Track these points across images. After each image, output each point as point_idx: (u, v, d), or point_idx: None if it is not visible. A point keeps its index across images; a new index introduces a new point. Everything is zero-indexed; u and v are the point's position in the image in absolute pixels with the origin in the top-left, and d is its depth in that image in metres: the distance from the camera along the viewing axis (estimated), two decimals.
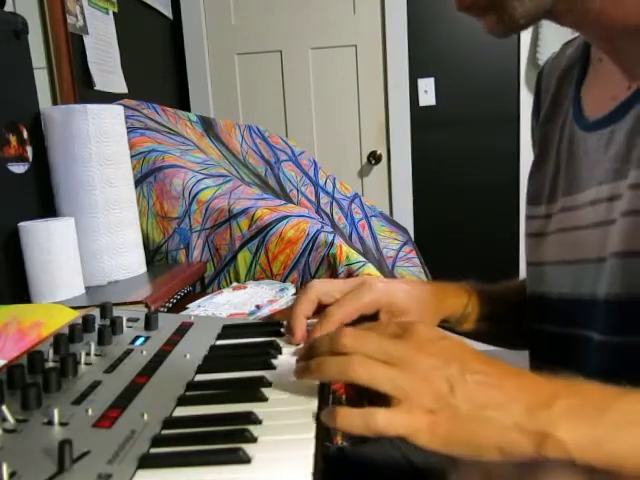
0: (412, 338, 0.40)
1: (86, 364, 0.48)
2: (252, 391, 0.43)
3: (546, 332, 0.60)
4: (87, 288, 0.92)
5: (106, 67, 1.50)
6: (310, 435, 0.37)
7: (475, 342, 0.69)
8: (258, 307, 0.87)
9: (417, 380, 0.38)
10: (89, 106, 0.94)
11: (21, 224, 0.85)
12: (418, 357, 0.39)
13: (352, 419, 0.37)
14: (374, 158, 2.46)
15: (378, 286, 0.57)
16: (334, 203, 1.56)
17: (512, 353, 0.76)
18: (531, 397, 0.37)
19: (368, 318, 0.56)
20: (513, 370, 0.40)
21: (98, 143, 0.95)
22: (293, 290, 0.99)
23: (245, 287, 1.01)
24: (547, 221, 0.60)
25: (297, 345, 0.53)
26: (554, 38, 2.18)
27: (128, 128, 1.09)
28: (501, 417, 0.36)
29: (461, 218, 2.51)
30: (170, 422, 0.38)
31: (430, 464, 0.64)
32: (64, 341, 0.50)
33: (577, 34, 0.62)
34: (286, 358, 0.51)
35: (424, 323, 0.43)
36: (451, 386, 0.37)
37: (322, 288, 0.56)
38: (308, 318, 0.55)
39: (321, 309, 0.56)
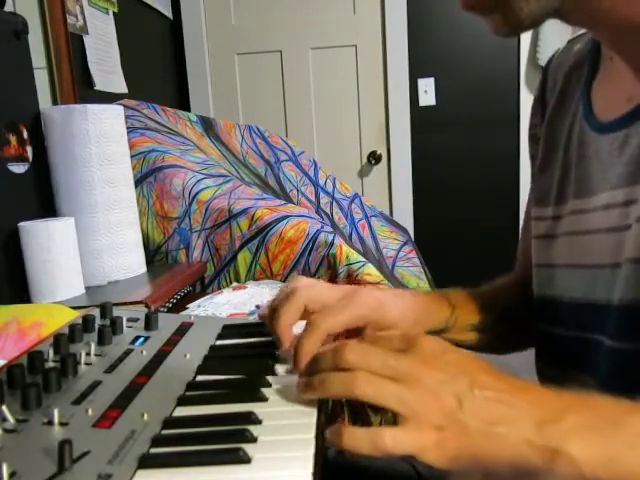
0: (417, 352, 0.39)
1: (86, 364, 0.48)
2: (252, 391, 0.43)
3: (555, 335, 0.60)
4: (87, 288, 0.92)
5: (106, 67, 1.50)
6: (310, 435, 0.37)
7: None
8: (258, 307, 0.87)
9: (424, 396, 0.37)
10: (89, 106, 0.94)
11: (21, 224, 0.85)
12: (424, 372, 0.38)
13: (359, 440, 0.36)
14: (374, 158, 2.46)
15: (369, 300, 0.54)
16: (334, 203, 1.56)
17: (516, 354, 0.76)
18: (541, 412, 0.36)
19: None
20: (522, 384, 0.39)
21: (98, 143, 0.95)
22: None
23: (245, 287, 1.01)
24: (556, 223, 0.59)
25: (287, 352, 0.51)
26: (554, 38, 2.18)
27: (128, 128, 1.09)
28: (511, 433, 0.36)
29: (461, 218, 2.52)
30: (170, 422, 0.38)
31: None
32: (64, 341, 0.50)
33: (582, 30, 0.61)
34: (286, 357, 0.51)
35: (429, 335, 0.42)
36: (459, 401, 0.36)
37: (310, 294, 0.53)
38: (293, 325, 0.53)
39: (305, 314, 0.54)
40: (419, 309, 0.60)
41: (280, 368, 0.49)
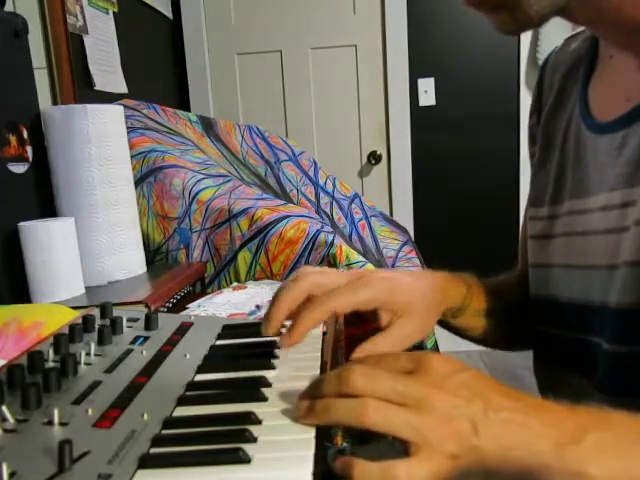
0: (427, 373, 0.37)
1: (86, 364, 0.48)
2: (252, 391, 0.43)
3: (552, 335, 0.59)
4: (87, 288, 0.91)
5: (106, 67, 1.50)
6: (310, 435, 0.37)
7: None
8: (258, 307, 0.87)
9: (437, 422, 0.34)
10: (89, 106, 0.94)
11: (21, 224, 0.85)
12: (436, 396, 0.35)
13: (370, 475, 0.33)
14: (374, 158, 2.46)
15: (379, 282, 0.51)
16: (334, 203, 1.56)
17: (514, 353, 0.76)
18: (559, 433, 0.35)
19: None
20: (538, 403, 0.37)
21: (98, 143, 0.95)
22: None
23: (245, 287, 1.01)
24: (552, 223, 0.59)
25: (268, 336, 0.48)
26: (554, 37, 2.18)
27: (128, 128, 1.09)
28: (529, 457, 0.34)
29: (461, 218, 2.52)
30: (170, 422, 0.38)
31: None
32: (64, 341, 0.50)
33: (580, 28, 0.61)
34: (286, 356, 0.50)
35: (438, 354, 0.39)
36: (474, 426, 0.34)
37: (316, 280, 0.49)
38: (291, 310, 0.49)
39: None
40: (435, 287, 0.57)
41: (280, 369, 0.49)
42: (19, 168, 0.93)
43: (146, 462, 0.33)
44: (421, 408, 0.35)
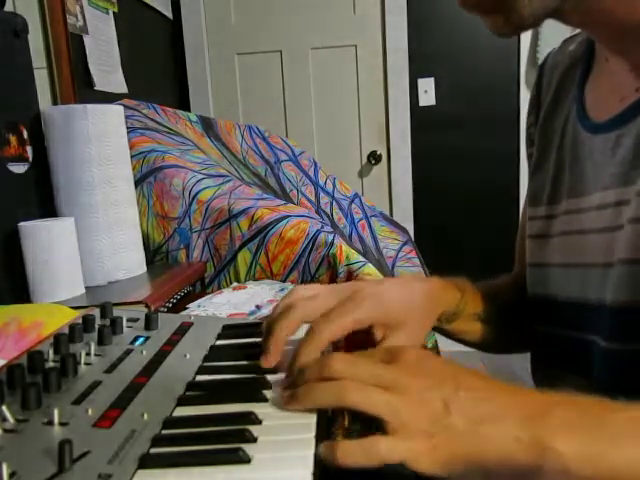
0: (401, 362, 0.40)
1: (86, 364, 0.48)
2: (252, 391, 0.43)
3: (549, 334, 0.60)
4: (87, 288, 0.91)
5: (106, 67, 1.50)
6: (310, 435, 0.37)
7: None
8: (258, 307, 0.87)
9: (412, 403, 0.37)
10: (89, 106, 0.94)
11: (21, 224, 0.85)
12: (410, 380, 0.38)
13: (353, 452, 0.35)
14: (374, 158, 2.46)
15: (369, 299, 0.51)
16: (334, 203, 1.56)
17: (515, 356, 0.76)
18: (526, 409, 0.37)
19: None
20: (507, 386, 0.40)
21: (98, 143, 0.95)
22: None
23: (245, 287, 1.01)
24: (549, 222, 0.59)
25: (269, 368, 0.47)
26: (554, 38, 2.18)
27: (128, 128, 1.09)
28: (498, 431, 0.36)
29: (461, 218, 2.52)
30: (170, 422, 0.38)
31: None
32: (64, 341, 0.50)
33: (578, 30, 0.61)
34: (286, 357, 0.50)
35: (412, 346, 0.42)
36: (446, 405, 0.37)
37: (307, 307, 0.49)
38: (286, 342, 0.49)
39: None
40: (428, 294, 0.58)
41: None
42: (19, 168, 0.93)
43: (146, 462, 0.33)
44: (397, 390, 0.37)
